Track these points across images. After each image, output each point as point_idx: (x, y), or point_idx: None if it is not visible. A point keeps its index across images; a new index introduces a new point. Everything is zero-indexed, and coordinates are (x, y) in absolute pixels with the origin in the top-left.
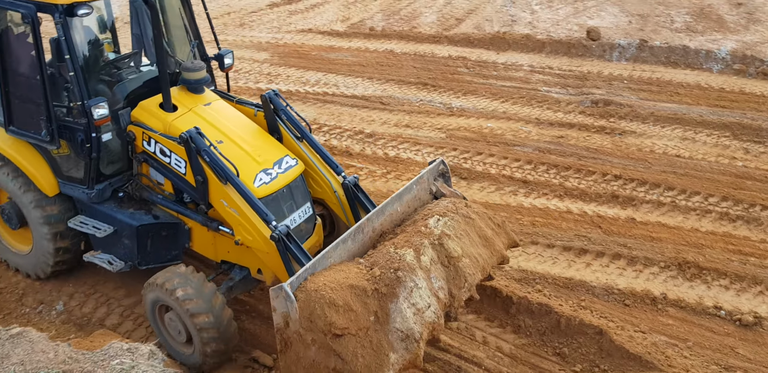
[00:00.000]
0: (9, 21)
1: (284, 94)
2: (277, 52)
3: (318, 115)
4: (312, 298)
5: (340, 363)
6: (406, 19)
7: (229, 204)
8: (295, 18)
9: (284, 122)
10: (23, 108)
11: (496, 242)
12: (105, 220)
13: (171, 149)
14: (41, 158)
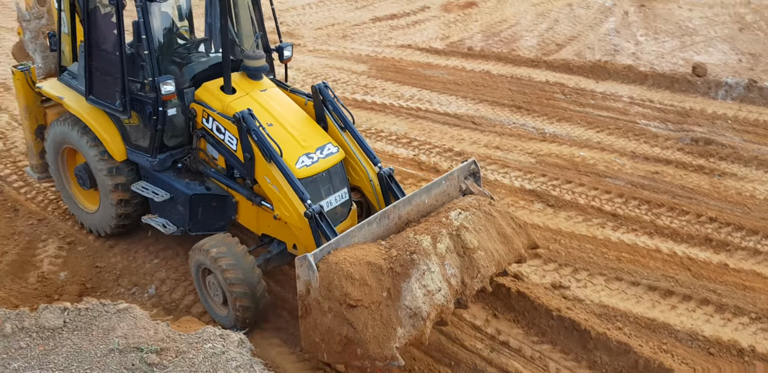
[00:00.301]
0: (98, 2)
1: (378, 107)
2: (375, 65)
3: (409, 130)
4: (332, 269)
5: (351, 331)
6: (506, 42)
7: (271, 181)
8: (396, 33)
9: (330, 113)
10: (102, 80)
11: (515, 241)
12: (163, 187)
13: (226, 127)
14: (114, 127)
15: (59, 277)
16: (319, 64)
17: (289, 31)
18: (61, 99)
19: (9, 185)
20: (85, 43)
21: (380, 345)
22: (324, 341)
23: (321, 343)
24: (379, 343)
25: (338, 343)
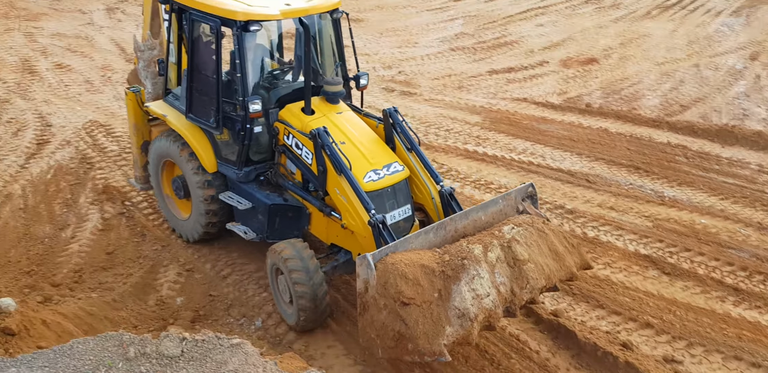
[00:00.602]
0: (201, 32)
1: (490, 159)
2: (489, 116)
3: (519, 184)
4: (388, 269)
5: (403, 327)
6: (626, 100)
7: (341, 192)
8: (512, 86)
9: (398, 135)
10: (200, 101)
11: (567, 259)
12: (246, 197)
13: (303, 143)
14: (208, 142)
15: (176, 302)
16: (433, 114)
17: (406, 80)
18: (165, 116)
19: (140, 211)
20: (188, 68)
21: (429, 341)
22: (379, 337)
23: (376, 339)
24: (429, 339)
25: (391, 338)
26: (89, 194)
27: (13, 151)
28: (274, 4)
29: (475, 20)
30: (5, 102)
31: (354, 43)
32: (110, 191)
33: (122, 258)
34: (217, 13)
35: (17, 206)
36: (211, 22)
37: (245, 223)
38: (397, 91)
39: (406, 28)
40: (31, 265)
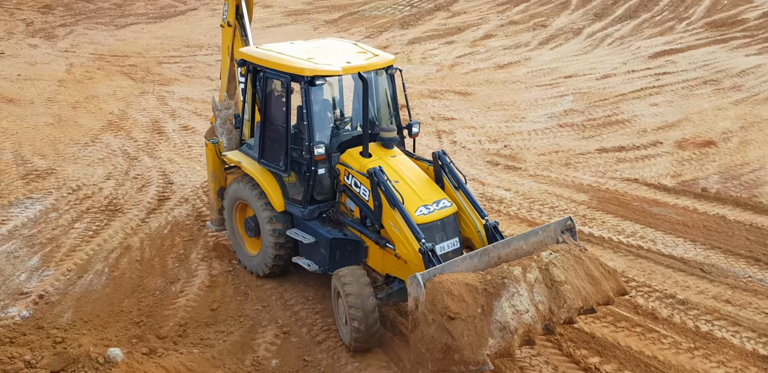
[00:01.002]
0: (273, 88)
1: (596, 240)
2: (597, 196)
3: (627, 268)
4: (436, 287)
5: (450, 340)
6: (747, 186)
7: (394, 224)
8: (623, 166)
9: (447, 175)
10: (271, 147)
11: (603, 284)
12: (310, 232)
13: (361, 182)
14: (277, 184)
15: (271, 363)
16: (538, 190)
17: (512, 155)
18: (240, 163)
19: (245, 272)
20: (261, 119)
21: (473, 352)
22: (428, 351)
23: (426, 352)
24: (473, 350)
25: (439, 351)
26: (200, 250)
27: (136, 205)
28: (336, 62)
29: (586, 97)
30: (134, 159)
31: (407, 96)
32: (220, 248)
33: (225, 315)
34: (288, 71)
35: (134, 258)
36: (282, 78)
37: (309, 257)
38: (502, 165)
39: (514, 103)
40: (141, 316)
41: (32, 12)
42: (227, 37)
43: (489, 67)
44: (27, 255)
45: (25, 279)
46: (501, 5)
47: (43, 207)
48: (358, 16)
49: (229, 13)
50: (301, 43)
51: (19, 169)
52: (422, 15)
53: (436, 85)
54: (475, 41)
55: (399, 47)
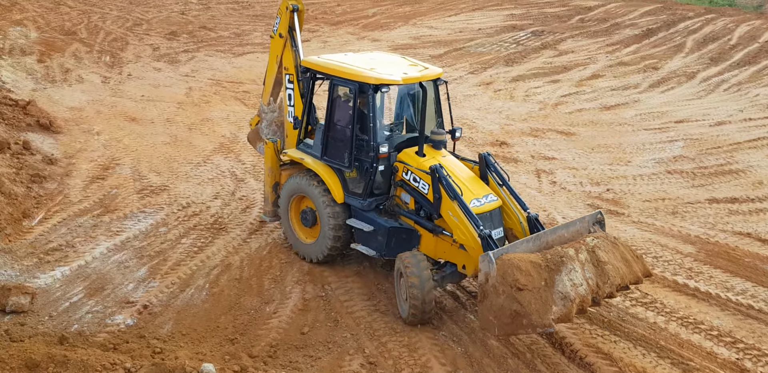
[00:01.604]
0: (341, 93)
1: (701, 295)
2: (705, 248)
3: (735, 329)
4: (506, 263)
5: (519, 307)
6: None
7: (453, 214)
8: (735, 219)
9: (492, 173)
10: (335, 146)
11: (634, 266)
12: (368, 222)
13: (421, 177)
14: (337, 178)
15: None
16: (641, 238)
17: (614, 199)
18: (302, 159)
19: (337, 297)
20: (326, 121)
21: (541, 317)
22: (496, 318)
23: (494, 320)
24: (540, 315)
25: (508, 316)
26: (296, 273)
27: (240, 225)
28: (396, 72)
29: (697, 144)
30: (241, 181)
31: (450, 104)
32: (314, 273)
33: (314, 340)
34: (356, 79)
35: (234, 276)
36: (350, 85)
37: (366, 244)
38: (604, 209)
39: (620, 146)
40: (235, 333)
41: (159, 38)
42: (277, 47)
43: (595, 108)
44: (136, 266)
45: (132, 289)
46: (610, 46)
47: (155, 221)
48: (463, 52)
49: (281, 26)
50: (355, 55)
51: (136, 184)
52: (528, 53)
53: (538, 123)
54: (582, 81)
55: (502, 84)
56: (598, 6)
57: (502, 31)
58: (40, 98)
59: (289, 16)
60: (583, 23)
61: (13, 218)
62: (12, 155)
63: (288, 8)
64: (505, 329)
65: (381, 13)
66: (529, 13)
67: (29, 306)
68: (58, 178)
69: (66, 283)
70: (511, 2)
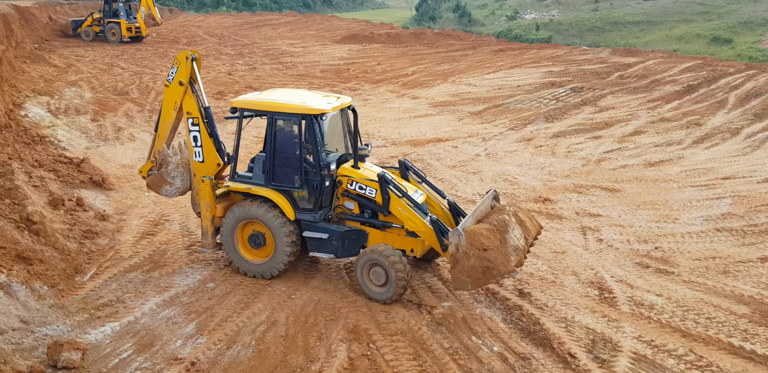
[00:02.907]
0: (283, 126)
1: (759, 358)
2: (760, 309)
3: None
4: (470, 232)
5: (488, 263)
6: None
7: (402, 208)
8: None
9: (411, 174)
10: (283, 171)
11: (534, 222)
12: (322, 231)
13: (367, 184)
14: (286, 199)
15: None
16: (693, 298)
17: (663, 258)
18: (250, 189)
19: (382, 356)
20: (269, 151)
21: (505, 266)
22: (469, 276)
23: (467, 278)
24: (505, 265)
25: (480, 272)
26: (340, 330)
27: (284, 282)
28: (324, 103)
29: (746, 201)
30: None
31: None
32: (358, 330)
33: None
34: (299, 111)
35: (279, 333)
36: (293, 118)
37: (320, 250)
38: (653, 268)
39: (666, 203)
40: None
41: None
42: (175, 94)
43: (638, 164)
44: (184, 322)
45: (180, 345)
46: (651, 102)
47: (202, 277)
48: (503, 109)
49: (180, 75)
50: (274, 93)
51: (184, 240)
52: (568, 109)
53: (581, 179)
54: (624, 137)
55: (543, 140)
56: (636, 63)
57: (541, 87)
58: (93, 156)
59: (189, 65)
60: (622, 80)
61: (66, 274)
62: (66, 212)
63: (188, 58)
64: (477, 282)
65: (420, 72)
66: (567, 70)
67: (80, 362)
68: (110, 234)
69: (116, 339)
70: (549, 60)
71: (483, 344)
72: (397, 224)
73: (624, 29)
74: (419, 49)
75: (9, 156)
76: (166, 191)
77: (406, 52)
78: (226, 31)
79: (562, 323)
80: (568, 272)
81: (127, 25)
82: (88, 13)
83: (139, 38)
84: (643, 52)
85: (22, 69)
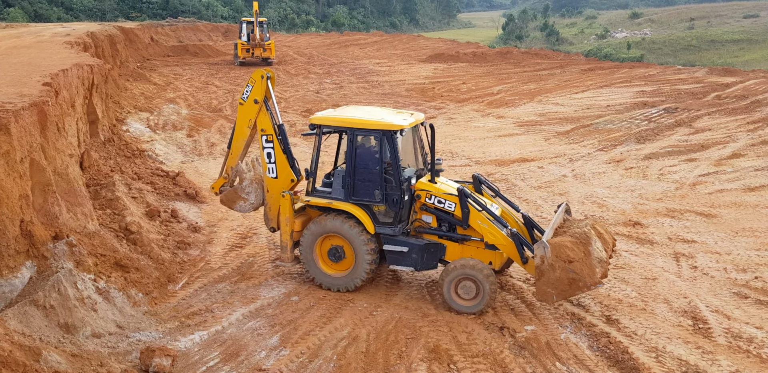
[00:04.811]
0: (363, 141)
1: None
2: None
3: None
4: (556, 245)
5: (574, 275)
6: None
7: (482, 222)
8: None
9: (485, 188)
10: (363, 186)
11: (609, 235)
12: (402, 244)
13: (446, 198)
14: (366, 214)
15: None
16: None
17: (764, 288)
18: (330, 203)
19: None
20: (350, 166)
21: (591, 278)
22: (554, 288)
23: (552, 290)
24: (590, 277)
25: (566, 284)
26: (421, 349)
27: (366, 297)
28: (401, 118)
29: None
30: None
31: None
32: (439, 350)
33: None
34: (379, 127)
35: (360, 349)
36: (374, 134)
37: (399, 263)
38: (752, 298)
39: (767, 230)
40: None
41: (296, 115)
42: (250, 112)
43: (737, 189)
44: (268, 333)
45: (264, 356)
46: (751, 124)
47: (287, 290)
48: (591, 129)
49: (255, 93)
50: (347, 109)
51: (271, 254)
52: (661, 130)
53: (674, 203)
54: (721, 160)
55: (634, 162)
56: (735, 83)
57: (632, 107)
58: (187, 170)
59: (265, 84)
60: (720, 100)
61: (159, 282)
62: (161, 223)
63: (263, 77)
64: (563, 294)
65: (506, 91)
66: (660, 90)
67: (170, 368)
68: (201, 246)
69: (204, 347)
70: (641, 79)
71: (567, 370)
72: (475, 237)
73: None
74: (505, 69)
75: (111, 168)
76: (240, 207)
77: (492, 71)
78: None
79: (653, 353)
80: (660, 299)
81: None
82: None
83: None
84: (742, 71)
85: (125, 86)
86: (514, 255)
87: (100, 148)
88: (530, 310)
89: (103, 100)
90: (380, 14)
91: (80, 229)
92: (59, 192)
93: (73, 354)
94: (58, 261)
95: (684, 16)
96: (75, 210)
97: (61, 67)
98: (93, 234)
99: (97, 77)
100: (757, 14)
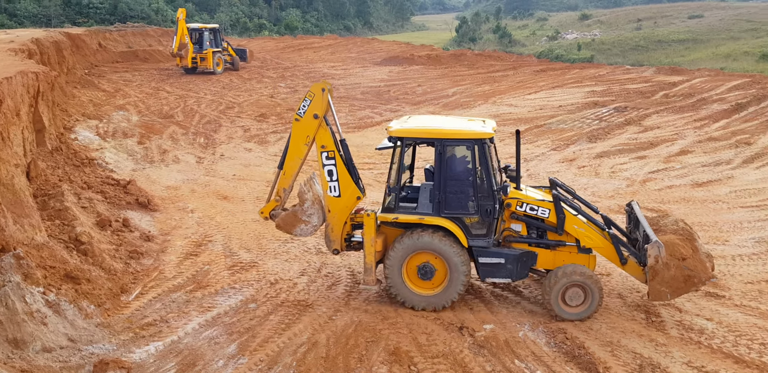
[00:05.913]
0: (455, 152)
1: None
2: None
3: None
4: (669, 243)
5: (689, 271)
6: None
7: (579, 226)
8: None
9: (562, 191)
10: (455, 198)
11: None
12: (496, 256)
13: (539, 205)
14: (458, 227)
15: None
16: (745, 323)
17: (714, 281)
18: (421, 218)
19: None
20: (438, 179)
21: (705, 273)
22: (668, 286)
23: (666, 289)
24: (704, 272)
25: (681, 281)
26: (381, 352)
27: (325, 302)
28: (486, 125)
29: None
30: (326, 257)
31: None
32: (399, 352)
33: None
34: (470, 137)
35: (320, 354)
36: (466, 144)
37: (494, 275)
38: (702, 291)
39: (715, 224)
40: None
41: (250, 120)
42: (308, 128)
43: (685, 185)
44: (226, 342)
45: (222, 365)
46: (698, 121)
47: (244, 297)
48: (545, 129)
49: (315, 107)
50: (418, 120)
51: (227, 261)
52: (611, 129)
53: (626, 200)
54: (670, 157)
55: (586, 160)
56: (682, 81)
57: (583, 107)
58: (139, 178)
59: (326, 98)
60: (667, 99)
61: (112, 293)
62: (113, 232)
63: (324, 90)
64: (678, 292)
65: (461, 93)
66: (610, 90)
67: None
68: (155, 255)
69: (159, 358)
70: (592, 79)
71: (526, 367)
72: (569, 242)
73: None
74: (460, 71)
75: (59, 178)
76: (301, 230)
77: (447, 73)
78: (268, 54)
79: (608, 347)
80: (614, 294)
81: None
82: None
83: None
84: (688, 70)
85: (73, 94)
86: (612, 257)
87: (48, 158)
88: (488, 309)
89: (49, 108)
90: (334, 17)
91: (28, 241)
92: (5, 203)
93: (22, 370)
94: (5, 274)
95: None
96: (22, 222)
97: (5, 75)
98: (41, 246)
99: (43, 85)
100: (701, 15)
